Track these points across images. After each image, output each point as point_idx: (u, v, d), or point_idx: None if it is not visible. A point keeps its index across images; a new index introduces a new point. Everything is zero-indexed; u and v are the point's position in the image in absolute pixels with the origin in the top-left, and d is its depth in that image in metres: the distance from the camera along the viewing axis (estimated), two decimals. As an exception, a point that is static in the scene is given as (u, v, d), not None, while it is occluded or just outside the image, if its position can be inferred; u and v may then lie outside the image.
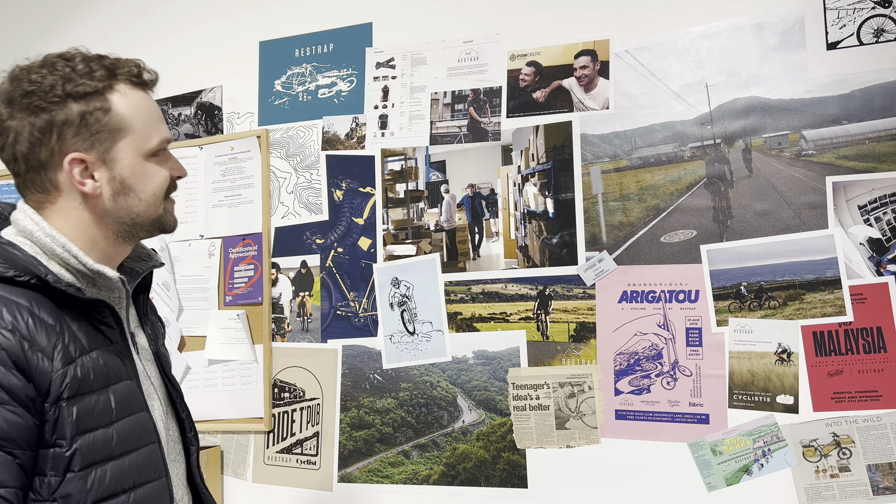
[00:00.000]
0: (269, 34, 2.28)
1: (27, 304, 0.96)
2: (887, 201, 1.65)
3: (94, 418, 0.98)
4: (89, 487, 0.96)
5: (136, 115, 1.05)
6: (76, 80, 1.01)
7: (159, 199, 1.09)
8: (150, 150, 1.07)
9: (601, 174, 1.89)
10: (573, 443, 1.86)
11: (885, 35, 1.67)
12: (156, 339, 1.20)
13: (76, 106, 1.00)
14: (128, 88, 1.05)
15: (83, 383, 0.97)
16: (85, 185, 1.02)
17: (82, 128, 1.01)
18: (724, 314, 1.76)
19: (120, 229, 1.07)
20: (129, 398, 1.05)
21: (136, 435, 1.04)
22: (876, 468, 1.63)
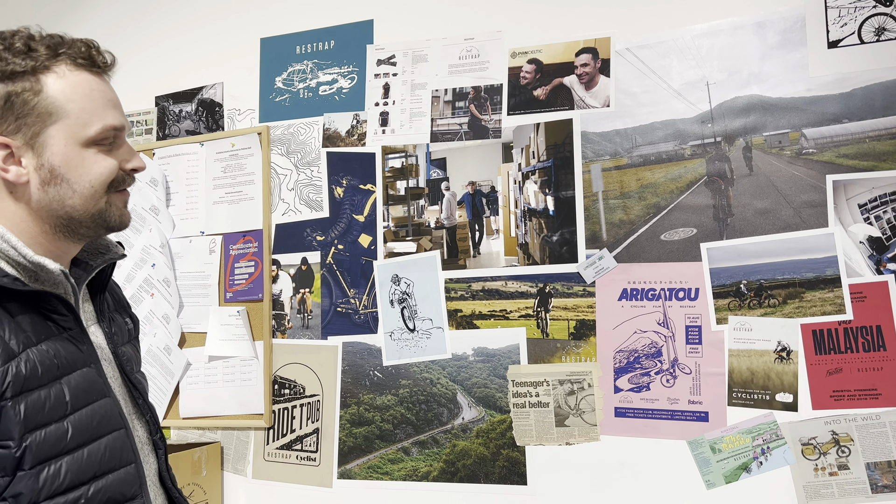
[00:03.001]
0: (271, 31, 2.28)
1: None
2: (887, 200, 1.65)
3: (46, 414, 0.93)
4: (41, 485, 0.91)
5: (71, 99, 0.96)
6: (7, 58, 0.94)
7: (99, 192, 0.99)
8: (88, 138, 0.97)
9: (602, 172, 1.89)
10: (573, 440, 1.87)
11: (886, 34, 1.67)
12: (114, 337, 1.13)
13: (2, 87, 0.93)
14: (68, 70, 0.97)
15: (29, 379, 0.92)
16: (8, 171, 0.95)
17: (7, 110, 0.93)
18: (724, 312, 1.76)
19: (57, 223, 0.99)
20: (87, 386, 0.99)
21: (97, 423, 0.99)
22: (875, 466, 1.64)
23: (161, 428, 1.18)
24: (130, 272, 2.30)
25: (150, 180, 2.32)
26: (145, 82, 2.44)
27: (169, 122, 2.40)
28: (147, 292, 2.27)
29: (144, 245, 2.30)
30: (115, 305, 1.19)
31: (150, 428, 1.15)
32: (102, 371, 1.04)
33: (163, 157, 2.35)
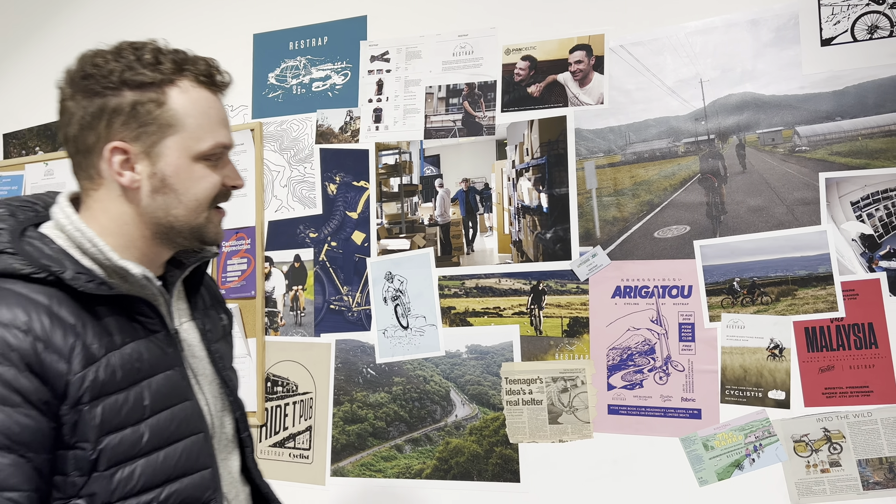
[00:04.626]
0: (263, 27, 2.27)
1: (46, 303, 0.92)
2: (879, 197, 1.66)
3: (122, 417, 0.95)
4: (114, 487, 0.94)
5: (190, 114, 0.99)
6: (137, 69, 0.97)
7: (202, 206, 1.02)
8: (200, 153, 1.00)
9: (595, 169, 1.89)
10: (566, 437, 1.87)
11: (878, 31, 1.67)
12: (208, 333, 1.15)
13: (130, 95, 0.97)
14: (191, 85, 1.00)
15: (108, 384, 0.94)
16: (123, 175, 0.98)
17: (131, 118, 0.97)
18: (717, 309, 1.76)
19: (157, 230, 1.02)
20: (168, 390, 1.01)
21: (176, 427, 1.01)
22: (866, 463, 1.64)
23: (249, 425, 1.21)
24: (122, 269, 2.29)
25: (142, 177, 2.31)
26: (137, 78, 2.42)
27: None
28: (139, 289, 2.26)
29: (136, 242, 2.28)
30: (210, 302, 1.21)
31: (239, 425, 1.18)
32: (186, 374, 1.06)
33: (155, 153, 2.33)
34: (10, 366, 0.87)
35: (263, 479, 1.25)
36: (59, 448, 0.92)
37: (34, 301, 0.92)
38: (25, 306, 0.91)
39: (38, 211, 1.04)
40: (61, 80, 1.01)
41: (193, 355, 1.11)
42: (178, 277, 1.11)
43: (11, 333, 0.88)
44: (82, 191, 1.03)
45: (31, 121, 2.57)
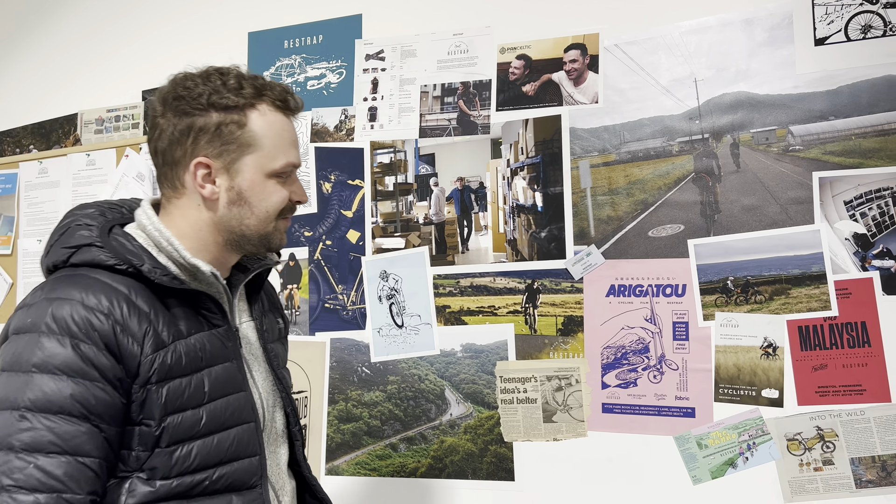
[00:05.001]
0: (259, 25, 2.26)
1: (125, 292, 1.03)
2: (873, 197, 1.66)
3: (185, 400, 1.05)
4: (173, 463, 1.03)
5: (267, 135, 1.10)
6: (223, 92, 1.07)
7: (271, 217, 1.13)
8: (273, 170, 1.11)
9: (590, 168, 1.89)
10: (560, 436, 1.87)
11: (872, 31, 1.68)
12: (265, 333, 1.25)
13: (216, 116, 1.08)
14: (269, 109, 1.11)
15: (174, 368, 1.04)
16: (205, 188, 1.09)
17: (216, 136, 1.08)
18: (711, 308, 1.76)
19: (230, 237, 1.13)
20: (226, 379, 1.11)
21: (230, 414, 1.10)
22: (859, 461, 1.65)
23: (299, 420, 1.30)
24: (117, 268, 2.29)
25: (137, 175, 2.31)
26: (132, 76, 2.42)
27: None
28: (133, 288, 2.26)
29: (131, 240, 2.28)
30: (269, 306, 1.32)
31: (290, 420, 1.27)
32: (243, 367, 1.16)
33: (149, 151, 2.33)
34: (91, 344, 0.98)
35: (311, 473, 1.33)
36: (128, 424, 1.02)
37: (116, 289, 1.02)
38: (108, 293, 1.01)
39: (124, 213, 1.16)
40: (154, 97, 1.12)
41: (250, 352, 1.21)
42: (242, 281, 1.22)
43: (95, 316, 0.99)
44: (164, 198, 1.15)
45: (25, 119, 2.56)
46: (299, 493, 1.32)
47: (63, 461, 0.95)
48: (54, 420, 0.95)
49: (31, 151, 2.53)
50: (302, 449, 1.30)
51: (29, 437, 0.94)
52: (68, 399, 0.96)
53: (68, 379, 0.97)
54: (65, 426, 0.96)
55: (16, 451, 0.94)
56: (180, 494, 1.04)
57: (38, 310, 1.00)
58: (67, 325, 0.98)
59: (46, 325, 0.98)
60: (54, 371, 0.96)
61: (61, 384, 0.96)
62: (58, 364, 0.97)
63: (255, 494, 1.13)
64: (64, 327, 0.98)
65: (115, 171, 2.35)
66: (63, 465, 0.94)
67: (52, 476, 0.94)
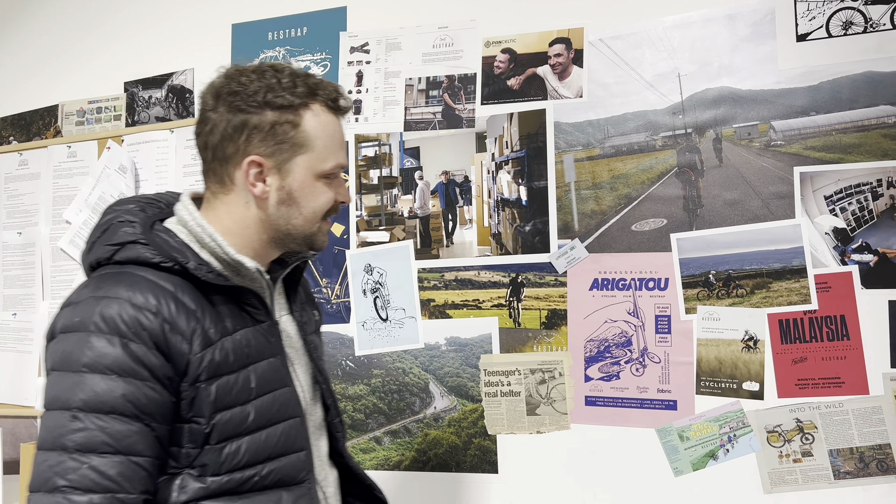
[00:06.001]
0: (242, 16, 2.24)
1: (171, 290, 1.03)
2: (852, 192, 1.68)
3: (233, 397, 1.05)
4: (223, 459, 1.04)
5: (319, 136, 1.10)
6: (277, 91, 1.07)
7: (317, 218, 1.14)
8: (322, 172, 1.11)
9: (574, 162, 1.90)
10: (543, 429, 1.88)
11: (853, 27, 1.69)
12: (304, 326, 1.26)
13: (270, 114, 1.07)
14: (322, 110, 1.10)
15: (222, 365, 1.04)
16: (256, 186, 1.09)
17: (269, 135, 1.07)
18: (693, 302, 1.78)
19: (275, 236, 1.13)
20: (271, 375, 1.11)
21: (277, 410, 1.11)
22: (837, 453, 1.67)
23: (340, 412, 1.31)
24: (98, 261, 2.27)
25: (119, 167, 2.29)
26: (114, 67, 2.40)
27: (138, 109, 2.36)
28: (115, 281, 2.24)
29: (113, 233, 2.26)
30: (305, 299, 1.32)
31: (330, 412, 1.28)
32: (286, 362, 1.16)
33: (132, 143, 2.31)
34: (140, 343, 0.98)
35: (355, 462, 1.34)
36: (177, 421, 1.02)
37: (162, 287, 1.02)
38: (155, 292, 1.01)
39: (162, 208, 1.16)
40: (206, 91, 1.10)
41: (291, 346, 1.21)
42: (281, 274, 1.21)
43: (143, 315, 0.99)
44: (209, 192, 1.14)
45: (4, 110, 2.53)
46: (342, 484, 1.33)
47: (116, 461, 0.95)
48: (106, 420, 0.96)
49: (10, 143, 2.50)
50: (343, 439, 1.31)
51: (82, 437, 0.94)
52: (120, 399, 0.96)
53: (119, 378, 0.97)
54: (117, 426, 0.96)
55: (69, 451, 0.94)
56: (230, 490, 1.05)
57: (86, 308, 0.99)
58: (116, 325, 0.98)
59: (95, 324, 0.98)
60: (105, 371, 0.96)
61: (112, 384, 0.96)
62: (108, 364, 0.97)
63: (303, 489, 1.14)
64: (113, 326, 0.98)
65: (97, 163, 2.33)
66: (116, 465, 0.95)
67: (106, 476, 0.94)
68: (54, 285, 2.36)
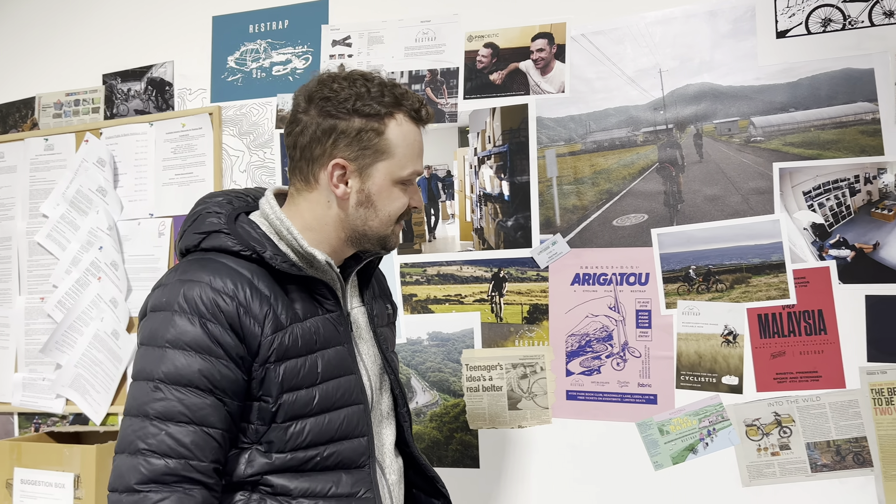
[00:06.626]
0: (223, 9, 2.22)
1: (248, 276, 1.11)
2: (830, 188, 1.70)
3: (300, 379, 1.12)
4: (288, 438, 1.11)
5: (401, 145, 1.17)
6: (366, 99, 1.14)
7: (392, 221, 1.20)
8: (400, 178, 1.18)
9: (556, 157, 1.90)
10: (525, 423, 1.88)
11: (832, 25, 1.71)
12: (375, 319, 1.31)
13: (358, 121, 1.14)
14: (405, 119, 1.17)
15: (291, 349, 1.11)
16: (338, 187, 1.16)
17: (355, 141, 1.14)
18: (673, 297, 1.79)
19: (351, 235, 1.20)
20: (338, 362, 1.17)
21: (340, 395, 1.17)
22: (814, 446, 1.69)
23: (407, 402, 1.36)
24: (77, 255, 2.24)
25: (98, 160, 2.26)
26: (92, 59, 2.37)
27: (117, 101, 2.33)
28: (94, 275, 2.21)
29: (91, 227, 2.23)
30: (379, 292, 1.39)
31: (398, 402, 1.33)
32: (353, 351, 1.22)
33: (110, 136, 2.28)
34: (217, 324, 1.06)
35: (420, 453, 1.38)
36: (248, 399, 1.10)
37: (240, 273, 1.10)
38: (233, 277, 1.09)
39: (250, 202, 1.24)
40: (299, 93, 1.18)
41: (360, 336, 1.27)
42: (354, 269, 1.28)
43: (221, 298, 1.07)
44: (293, 188, 1.21)
45: (-20, 102, 2.49)
46: (408, 474, 1.37)
47: (191, 430, 1.03)
48: (183, 392, 1.04)
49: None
50: (409, 429, 1.35)
51: (162, 406, 1.03)
52: (196, 374, 1.04)
53: (196, 355, 1.05)
54: (193, 398, 1.04)
55: (150, 418, 1.03)
56: (294, 468, 1.12)
57: (172, 290, 1.08)
58: (197, 306, 1.06)
59: (178, 304, 1.06)
60: (185, 347, 1.05)
61: (190, 359, 1.05)
62: (188, 341, 1.05)
63: (363, 474, 1.18)
64: (194, 307, 1.06)
65: (75, 156, 2.30)
66: (191, 433, 1.03)
67: (181, 444, 1.02)
68: (31, 280, 2.33)
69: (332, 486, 1.14)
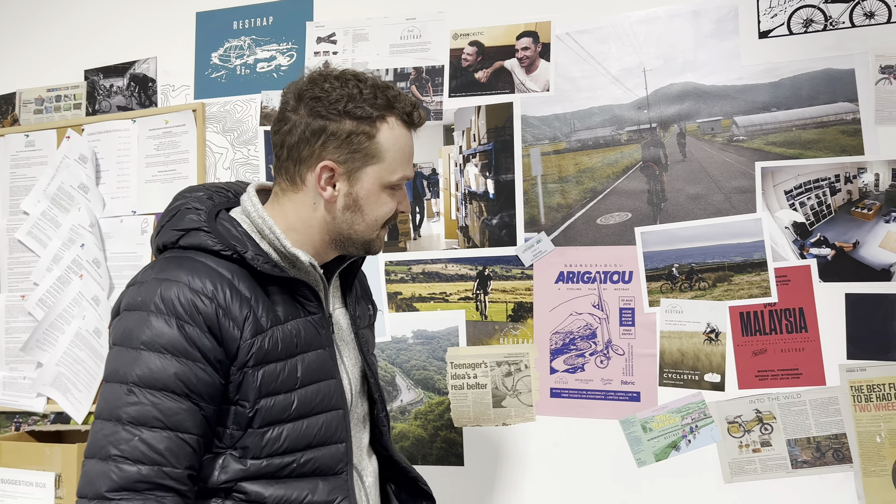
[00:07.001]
0: (207, 5, 2.21)
1: (229, 277, 1.08)
2: (811, 187, 1.71)
3: (278, 384, 1.09)
4: (264, 443, 1.08)
5: (391, 149, 1.13)
6: (358, 101, 1.10)
7: (378, 225, 1.18)
8: (389, 183, 1.15)
9: (541, 156, 1.90)
10: (509, 420, 1.89)
11: (813, 25, 1.72)
12: (357, 320, 1.29)
13: (349, 124, 1.10)
14: (397, 123, 1.14)
15: (270, 353, 1.08)
16: (325, 190, 1.13)
17: (345, 143, 1.11)
18: (656, 295, 1.80)
19: (336, 238, 1.17)
20: (318, 366, 1.15)
21: (320, 400, 1.14)
22: (795, 443, 1.71)
23: (386, 406, 1.34)
24: (58, 252, 2.22)
25: (79, 157, 2.23)
26: (74, 54, 2.34)
27: (99, 98, 2.31)
28: (76, 273, 2.19)
29: (73, 224, 2.21)
30: (361, 293, 1.36)
31: (377, 406, 1.31)
32: (335, 354, 1.20)
33: (92, 133, 2.26)
34: (195, 326, 1.03)
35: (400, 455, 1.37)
36: (224, 403, 1.07)
37: (220, 274, 1.07)
38: (213, 278, 1.06)
39: (230, 197, 1.21)
40: (288, 90, 1.15)
41: (342, 338, 1.25)
42: (337, 270, 1.26)
43: (200, 299, 1.04)
44: (278, 187, 1.18)
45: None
46: (390, 476, 1.37)
47: (165, 436, 1.00)
48: (158, 396, 1.01)
49: (-35, 131, 2.43)
50: (388, 432, 1.33)
51: (135, 410, 1.00)
52: (172, 377, 1.01)
53: (173, 358, 1.02)
54: (168, 403, 1.01)
55: (123, 423, 1.00)
56: (269, 474, 1.09)
57: (149, 289, 1.05)
58: (174, 307, 1.03)
59: (155, 304, 1.03)
60: (160, 350, 1.02)
61: (166, 362, 1.02)
62: (164, 343, 1.02)
63: (340, 481, 1.16)
64: (171, 308, 1.03)
65: (56, 152, 2.27)
66: (165, 439, 1.00)
67: (155, 450, 1.00)
68: (11, 277, 2.30)
69: (308, 493, 1.12)
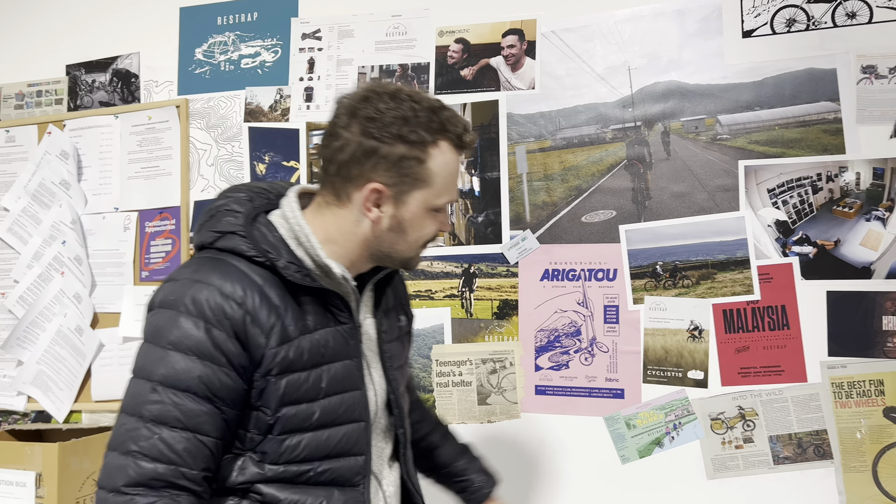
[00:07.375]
0: (190, 0, 2.19)
1: (259, 283, 1.07)
2: (794, 185, 1.73)
3: (301, 394, 1.09)
4: (282, 450, 1.08)
5: (440, 174, 1.11)
6: (412, 125, 1.07)
7: (419, 245, 1.16)
8: (435, 206, 1.13)
9: (526, 154, 1.91)
10: (494, 418, 1.89)
11: (796, 25, 1.74)
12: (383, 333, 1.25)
13: (401, 148, 1.08)
14: (448, 148, 1.11)
15: (295, 362, 1.08)
16: (371, 211, 1.11)
17: (395, 167, 1.08)
18: (641, 292, 1.81)
19: (375, 254, 1.16)
20: (344, 377, 1.14)
21: (343, 412, 1.13)
22: (777, 439, 1.72)
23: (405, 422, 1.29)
24: (39, 249, 2.19)
25: (61, 153, 2.21)
26: (55, 49, 2.31)
27: (81, 93, 2.28)
28: (57, 270, 2.17)
29: (54, 221, 2.18)
30: (394, 303, 1.31)
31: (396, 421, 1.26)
32: (362, 365, 1.18)
33: (74, 129, 2.24)
34: (222, 330, 1.03)
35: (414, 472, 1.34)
36: (247, 407, 1.07)
37: (251, 280, 1.07)
38: (244, 283, 1.06)
39: (271, 199, 1.19)
40: (342, 105, 1.11)
41: (370, 349, 1.23)
42: (371, 280, 1.23)
43: (229, 304, 1.04)
44: (322, 198, 1.15)
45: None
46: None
47: (184, 437, 1.01)
48: (180, 397, 1.02)
49: (-56, 126, 2.39)
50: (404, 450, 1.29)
51: (157, 409, 1.01)
52: (195, 380, 1.02)
53: (198, 360, 1.02)
54: (189, 404, 1.02)
55: (144, 420, 1.01)
56: (286, 480, 1.10)
57: (182, 288, 1.05)
58: (203, 310, 1.03)
59: (185, 305, 1.03)
60: (186, 351, 1.02)
61: (191, 364, 1.02)
62: (190, 345, 1.02)
63: (356, 493, 1.15)
64: (200, 311, 1.03)
65: (37, 148, 2.25)
66: (184, 440, 1.01)
67: (173, 450, 1.00)
68: (-9, 275, 2.28)
69: (323, 500, 1.12)
